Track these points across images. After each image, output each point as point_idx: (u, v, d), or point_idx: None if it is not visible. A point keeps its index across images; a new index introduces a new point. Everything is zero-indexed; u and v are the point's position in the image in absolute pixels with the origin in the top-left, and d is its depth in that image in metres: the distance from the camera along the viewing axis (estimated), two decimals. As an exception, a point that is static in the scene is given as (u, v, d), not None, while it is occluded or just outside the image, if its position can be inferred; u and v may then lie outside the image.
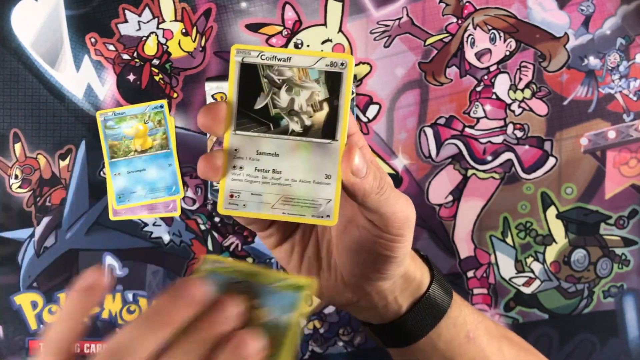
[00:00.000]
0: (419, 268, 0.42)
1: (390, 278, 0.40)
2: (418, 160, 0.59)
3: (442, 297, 0.42)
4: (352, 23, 0.58)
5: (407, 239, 0.38)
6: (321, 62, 0.33)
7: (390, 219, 0.36)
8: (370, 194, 0.34)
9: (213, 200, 0.58)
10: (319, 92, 0.34)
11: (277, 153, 0.34)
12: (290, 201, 0.34)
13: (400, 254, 0.38)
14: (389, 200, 0.36)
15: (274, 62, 0.33)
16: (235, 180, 0.34)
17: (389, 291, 0.41)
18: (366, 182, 0.34)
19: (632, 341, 0.59)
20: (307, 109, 0.34)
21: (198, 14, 0.58)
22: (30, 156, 0.58)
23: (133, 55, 0.58)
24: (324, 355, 0.59)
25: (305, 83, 0.34)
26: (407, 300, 0.42)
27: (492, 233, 0.59)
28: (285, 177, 0.34)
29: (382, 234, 0.37)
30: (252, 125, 0.34)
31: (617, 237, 0.59)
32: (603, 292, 0.59)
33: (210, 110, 0.34)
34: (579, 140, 0.59)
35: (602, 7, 0.58)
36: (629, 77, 0.58)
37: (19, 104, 0.58)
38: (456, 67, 0.58)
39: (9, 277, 0.59)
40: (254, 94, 0.34)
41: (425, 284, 0.42)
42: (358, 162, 0.33)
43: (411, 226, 0.38)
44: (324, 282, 0.41)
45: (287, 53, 0.33)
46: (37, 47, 0.58)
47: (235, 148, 0.34)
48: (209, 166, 0.34)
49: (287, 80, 0.34)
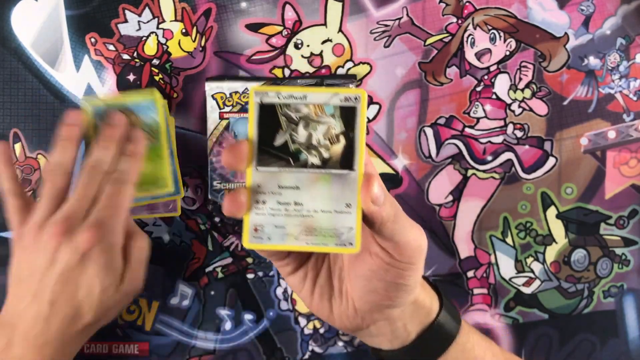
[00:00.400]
0: (429, 295, 0.43)
1: (400, 305, 0.41)
2: (418, 160, 0.59)
3: (451, 324, 0.44)
4: (352, 23, 0.58)
5: (419, 267, 0.39)
6: (335, 97, 0.35)
7: (404, 247, 0.37)
8: (387, 222, 0.36)
9: (213, 200, 0.58)
10: (335, 126, 0.35)
11: (298, 186, 0.35)
12: (313, 232, 0.35)
13: (411, 282, 0.39)
14: (404, 228, 0.37)
15: (290, 100, 0.35)
16: (258, 215, 0.35)
17: (398, 318, 0.42)
18: (384, 210, 0.35)
19: (632, 341, 0.59)
20: (325, 142, 0.35)
21: (198, 14, 0.58)
22: (30, 156, 0.58)
23: (133, 55, 0.58)
24: (324, 355, 0.59)
25: (322, 118, 0.35)
26: (416, 327, 0.43)
27: (492, 233, 0.59)
28: (307, 209, 0.35)
29: (394, 261, 0.38)
30: (273, 161, 0.35)
31: (617, 237, 0.59)
32: (603, 292, 0.59)
33: (233, 150, 0.35)
34: (579, 140, 0.59)
35: (602, 7, 0.58)
36: (629, 77, 0.58)
37: (19, 104, 0.58)
38: (456, 67, 0.58)
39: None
40: (273, 132, 0.35)
41: (435, 311, 0.43)
42: (377, 190, 0.35)
43: (423, 254, 0.39)
44: (336, 308, 0.42)
45: (303, 91, 0.35)
46: (37, 47, 0.58)
47: (257, 184, 0.35)
48: (234, 203, 0.35)
49: (304, 117, 0.35)
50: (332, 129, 0.35)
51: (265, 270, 0.59)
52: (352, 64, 0.58)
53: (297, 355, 0.59)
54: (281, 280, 0.59)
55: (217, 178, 0.58)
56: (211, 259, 0.59)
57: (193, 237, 0.59)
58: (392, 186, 0.59)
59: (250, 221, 0.36)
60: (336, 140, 0.35)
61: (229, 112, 0.57)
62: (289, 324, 0.59)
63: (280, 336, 0.59)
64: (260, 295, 0.59)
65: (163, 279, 0.58)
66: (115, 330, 0.59)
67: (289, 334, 0.59)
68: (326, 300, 0.43)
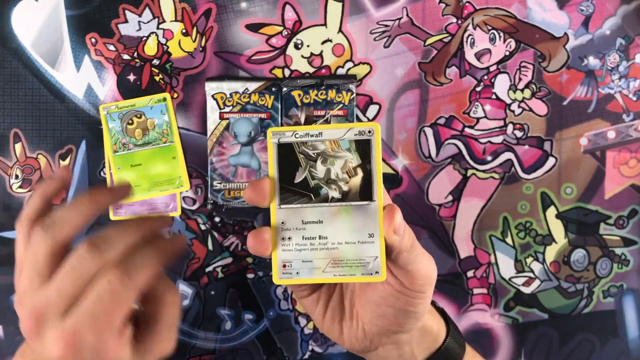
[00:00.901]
0: (436, 322, 0.45)
1: (408, 331, 0.42)
2: (418, 160, 0.59)
3: (457, 350, 0.45)
4: (352, 23, 0.58)
5: (428, 295, 0.40)
6: (350, 132, 0.37)
7: (415, 276, 0.38)
8: (404, 252, 0.37)
9: (213, 200, 0.58)
10: (352, 160, 0.37)
11: (321, 220, 0.37)
12: (339, 263, 0.36)
13: (420, 310, 0.41)
14: (417, 257, 0.38)
15: (307, 138, 0.37)
16: (285, 251, 0.37)
17: (406, 343, 0.43)
18: (403, 240, 0.36)
19: (631, 341, 0.59)
20: (343, 176, 0.37)
21: (198, 14, 0.58)
22: (30, 156, 0.58)
23: (133, 56, 0.58)
24: (324, 355, 0.59)
25: (338, 153, 0.37)
26: (423, 353, 0.44)
27: (492, 233, 0.59)
28: (331, 242, 0.37)
29: (405, 289, 0.39)
30: (295, 197, 0.37)
31: (617, 237, 0.59)
32: (603, 292, 0.59)
33: (256, 187, 0.37)
34: (579, 140, 0.59)
35: (602, 7, 0.58)
36: (628, 77, 0.58)
37: (19, 104, 0.58)
38: (456, 67, 0.58)
39: (10, 277, 0.59)
40: (292, 169, 0.37)
41: (441, 337, 0.44)
42: (399, 221, 0.36)
43: (432, 283, 0.40)
44: (346, 330, 0.43)
45: (319, 129, 0.37)
46: (38, 47, 0.58)
47: (282, 221, 0.37)
48: (260, 242, 0.36)
49: (322, 153, 0.37)
50: (349, 162, 0.37)
51: (265, 270, 0.59)
52: (352, 64, 0.58)
53: (297, 355, 0.59)
54: (281, 280, 0.59)
55: (217, 178, 0.58)
56: (211, 259, 0.59)
57: (193, 237, 0.59)
58: (392, 186, 0.59)
59: (278, 258, 0.37)
60: (354, 173, 0.37)
61: (229, 112, 0.57)
62: (289, 323, 0.59)
63: (280, 336, 0.59)
64: (260, 295, 0.59)
65: (163, 279, 0.58)
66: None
67: (289, 333, 0.59)
68: (337, 322, 0.44)
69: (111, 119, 0.57)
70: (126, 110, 0.57)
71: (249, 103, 0.57)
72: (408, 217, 0.58)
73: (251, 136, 0.57)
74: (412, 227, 0.58)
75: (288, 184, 0.37)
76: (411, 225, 0.58)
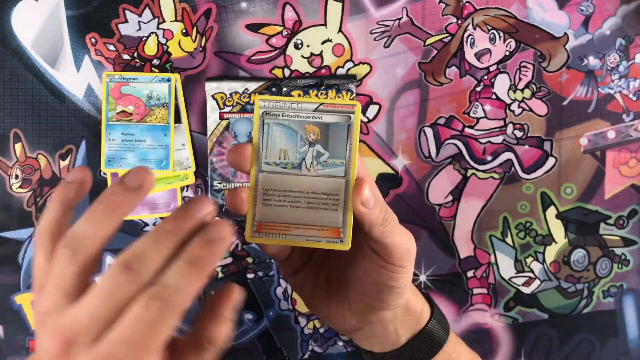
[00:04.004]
0: (420, 303, 0.46)
1: (392, 308, 0.43)
2: (418, 160, 0.59)
3: (440, 333, 0.46)
4: (352, 23, 0.58)
5: (408, 270, 0.42)
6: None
7: (392, 250, 0.40)
8: (376, 224, 0.38)
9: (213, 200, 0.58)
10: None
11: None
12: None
13: (401, 284, 0.42)
14: (392, 232, 0.40)
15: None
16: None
17: (390, 321, 0.44)
18: (373, 213, 0.38)
19: (631, 341, 0.59)
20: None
21: (198, 14, 0.58)
22: (30, 156, 0.58)
23: (133, 56, 0.58)
24: (324, 355, 0.59)
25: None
26: (406, 332, 0.45)
27: (492, 233, 0.59)
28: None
29: (385, 264, 0.41)
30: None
31: (617, 237, 0.59)
32: (603, 292, 0.59)
33: (237, 150, 0.38)
34: (579, 140, 0.59)
35: (602, 7, 0.58)
36: (628, 77, 0.58)
37: (19, 104, 0.58)
38: (456, 67, 0.58)
39: (10, 277, 0.59)
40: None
41: (425, 319, 0.46)
42: (367, 194, 0.37)
43: (411, 258, 0.41)
44: (333, 309, 0.45)
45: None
46: (38, 47, 0.58)
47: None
48: (236, 200, 0.37)
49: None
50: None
51: (265, 270, 0.59)
52: (352, 64, 0.58)
53: (297, 355, 0.59)
54: (281, 280, 0.59)
55: (217, 178, 0.58)
56: (211, 258, 0.59)
57: (193, 237, 0.59)
58: (392, 186, 0.59)
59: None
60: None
61: (229, 112, 0.57)
62: (289, 323, 0.59)
63: (280, 336, 0.59)
64: (260, 295, 0.59)
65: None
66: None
67: (289, 333, 0.59)
68: (324, 301, 0.45)
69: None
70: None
71: (249, 103, 0.57)
72: (408, 217, 0.58)
73: (251, 136, 0.57)
74: (411, 227, 0.58)
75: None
76: (411, 225, 0.58)
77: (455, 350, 0.47)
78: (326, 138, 0.38)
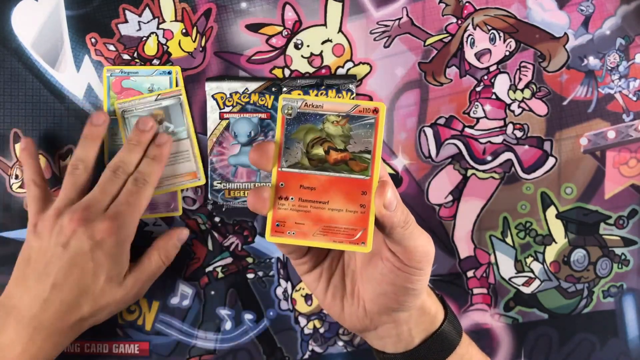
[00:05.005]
0: (435, 304, 0.46)
1: (408, 309, 0.43)
2: (418, 160, 0.59)
3: (453, 335, 0.46)
4: (352, 23, 0.58)
5: (426, 272, 0.42)
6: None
7: (412, 252, 0.40)
8: (397, 227, 0.39)
9: (213, 200, 0.58)
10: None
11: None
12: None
13: (419, 287, 0.42)
14: (412, 234, 0.40)
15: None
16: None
17: (405, 322, 0.44)
18: (394, 215, 0.38)
19: (631, 341, 0.59)
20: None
21: (198, 14, 0.58)
22: (30, 156, 0.58)
23: (133, 56, 0.58)
24: (324, 355, 0.59)
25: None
26: (420, 334, 0.45)
27: (492, 233, 0.59)
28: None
29: (403, 266, 0.41)
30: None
31: (617, 237, 0.59)
32: (603, 292, 0.59)
33: (260, 149, 0.38)
34: (579, 140, 0.59)
35: (602, 7, 0.58)
36: (628, 77, 0.58)
37: (19, 104, 0.58)
38: (456, 67, 0.58)
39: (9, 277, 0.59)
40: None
41: (439, 320, 0.46)
42: (390, 196, 0.38)
43: (430, 261, 0.42)
44: (347, 308, 0.45)
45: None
46: (38, 47, 0.58)
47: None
48: (258, 200, 0.38)
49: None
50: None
51: (265, 270, 0.59)
52: (352, 64, 0.58)
53: (297, 355, 0.59)
54: (281, 280, 0.59)
55: (217, 178, 0.58)
56: (211, 258, 0.59)
57: (193, 237, 0.59)
58: (392, 186, 0.59)
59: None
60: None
61: (229, 112, 0.57)
62: (289, 323, 0.59)
63: (280, 336, 0.59)
64: (260, 295, 0.59)
65: (163, 279, 0.58)
66: (116, 330, 0.59)
67: (289, 333, 0.59)
68: (338, 299, 0.45)
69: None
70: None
71: (249, 103, 0.57)
72: (408, 217, 0.58)
73: (251, 136, 0.57)
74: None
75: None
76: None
77: (467, 352, 0.47)
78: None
